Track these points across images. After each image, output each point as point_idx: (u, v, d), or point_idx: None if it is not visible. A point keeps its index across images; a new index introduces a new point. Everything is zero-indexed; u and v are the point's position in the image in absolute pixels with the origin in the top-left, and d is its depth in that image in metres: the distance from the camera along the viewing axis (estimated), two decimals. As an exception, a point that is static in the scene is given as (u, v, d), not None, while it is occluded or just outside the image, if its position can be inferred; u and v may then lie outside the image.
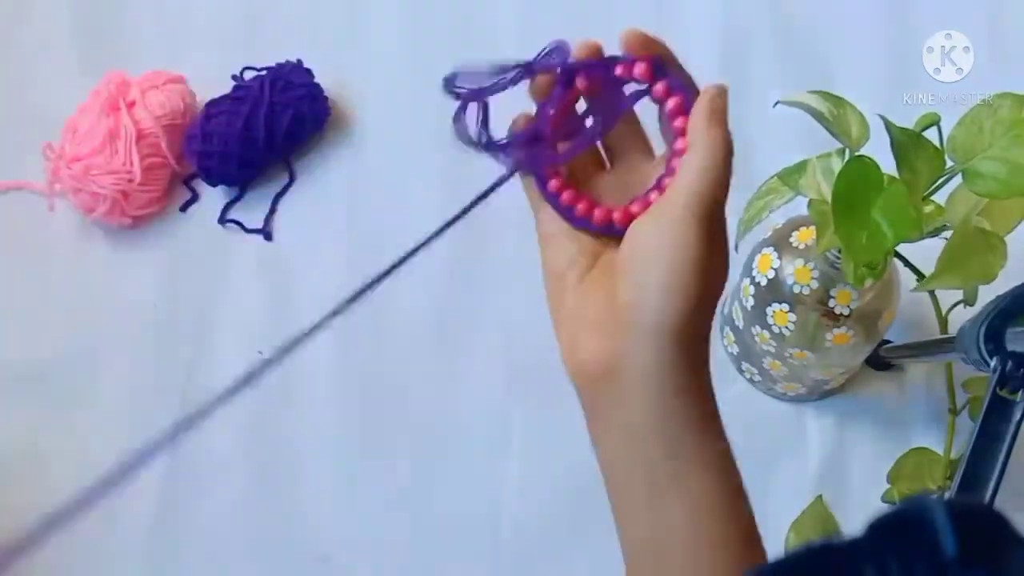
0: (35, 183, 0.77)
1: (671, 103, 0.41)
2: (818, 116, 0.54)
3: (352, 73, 0.82)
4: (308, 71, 0.78)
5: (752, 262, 0.64)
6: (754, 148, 0.78)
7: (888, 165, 0.50)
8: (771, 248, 0.63)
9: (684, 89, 0.41)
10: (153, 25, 0.85)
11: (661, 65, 0.41)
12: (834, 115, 0.54)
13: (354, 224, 0.78)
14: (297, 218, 0.78)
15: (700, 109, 0.40)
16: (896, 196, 0.48)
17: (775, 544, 0.65)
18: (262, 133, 0.75)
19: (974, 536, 0.25)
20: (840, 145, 0.54)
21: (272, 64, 0.78)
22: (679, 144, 0.40)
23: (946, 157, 0.51)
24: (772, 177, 0.59)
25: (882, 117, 0.49)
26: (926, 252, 0.55)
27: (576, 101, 0.42)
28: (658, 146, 0.44)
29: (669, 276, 0.37)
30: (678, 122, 0.41)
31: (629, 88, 0.42)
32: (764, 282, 0.62)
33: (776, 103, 0.57)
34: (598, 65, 0.41)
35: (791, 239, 0.62)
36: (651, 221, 0.39)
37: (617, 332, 0.38)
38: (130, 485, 0.61)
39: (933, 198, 0.53)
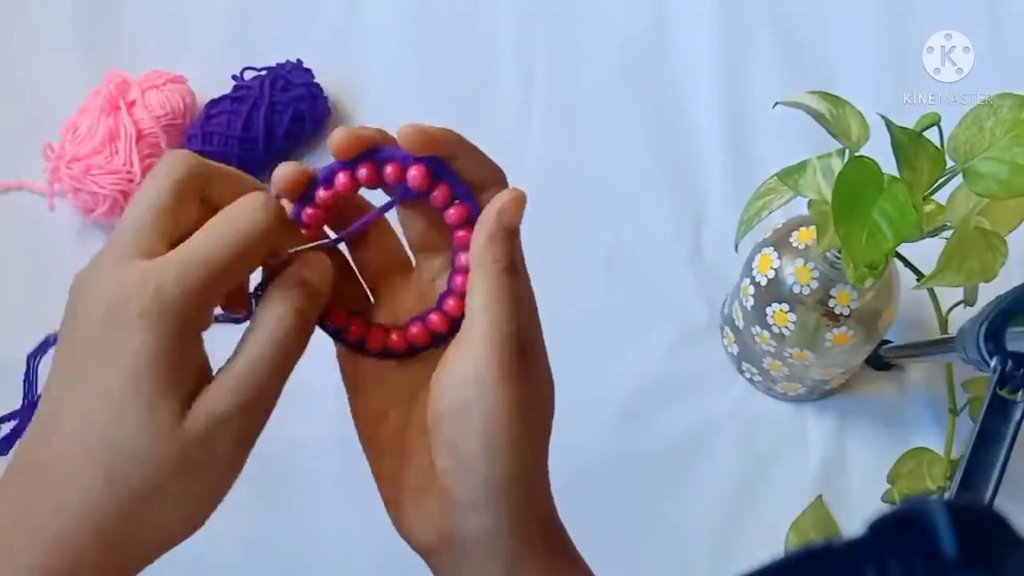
0: (35, 183, 0.77)
1: (451, 213, 0.35)
2: (818, 116, 0.54)
3: (352, 73, 0.82)
4: (308, 71, 0.78)
5: (752, 262, 0.64)
6: (754, 148, 0.78)
7: (888, 165, 0.50)
8: (771, 248, 0.63)
9: (468, 197, 0.35)
10: (153, 25, 0.85)
11: (442, 166, 0.35)
12: (834, 115, 0.54)
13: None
14: (297, 218, 0.78)
15: (483, 229, 0.34)
16: (896, 196, 0.48)
17: (775, 544, 0.65)
18: (262, 133, 0.75)
19: (974, 536, 0.25)
20: (840, 145, 0.54)
21: (272, 64, 0.78)
22: (461, 260, 0.35)
23: (946, 157, 0.51)
24: (772, 177, 0.59)
25: (882, 117, 0.49)
26: (926, 252, 0.55)
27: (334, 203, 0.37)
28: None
29: (484, 438, 0.32)
30: (460, 234, 0.35)
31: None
32: (764, 282, 0.62)
33: (776, 103, 0.57)
34: (360, 165, 0.36)
35: (791, 239, 0.62)
36: (454, 377, 0.34)
37: (442, 501, 0.34)
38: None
39: (933, 198, 0.53)
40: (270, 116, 0.75)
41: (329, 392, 0.72)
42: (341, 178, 0.36)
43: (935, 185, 0.52)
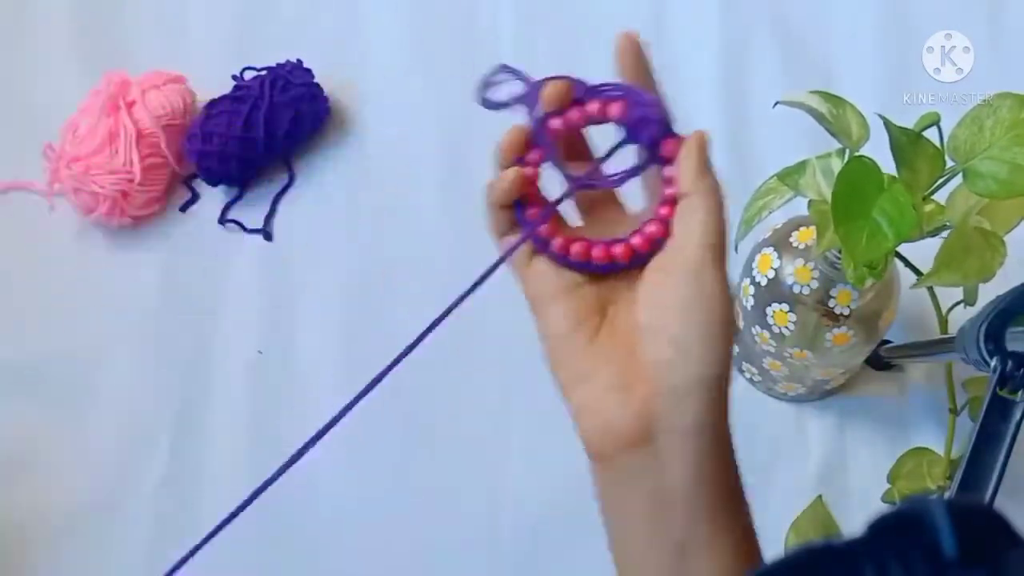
0: (35, 183, 0.77)
1: (669, 146, 0.39)
2: (818, 116, 0.54)
3: (352, 73, 0.82)
4: (308, 71, 0.78)
5: (752, 262, 0.64)
6: (754, 148, 0.78)
7: (888, 165, 0.50)
8: (771, 248, 0.63)
9: (676, 137, 0.40)
10: (153, 25, 0.85)
11: (656, 108, 0.40)
12: (834, 115, 0.54)
13: (354, 224, 0.78)
14: (297, 218, 0.78)
15: (690, 158, 0.39)
16: (896, 196, 0.48)
17: (775, 544, 0.65)
18: (262, 133, 0.75)
19: (974, 536, 0.25)
20: (840, 145, 0.54)
21: (272, 64, 0.78)
22: (667, 192, 0.39)
23: (946, 157, 0.51)
24: (772, 177, 0.59)
25: (882, 117, 0.49)
26: (926, 252, 0.55)
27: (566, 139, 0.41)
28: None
29: (704, 328, 0.37)
30: (667, 170, 0.39)
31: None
32: (764, 282, 0.62)
33: (776, 103, 0.57)
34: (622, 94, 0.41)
35: (791, 239, 0.62)
36: (667, 275, 0.38)
37: (649, 392, 0.37)
38: (136, 489, 0.62)
39: (933, 198, 0.53)
40: (270, 116, 0.75)
41: (331, 395, 0.72)
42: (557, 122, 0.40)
43: (935, 185, 0.52)
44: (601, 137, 0.41)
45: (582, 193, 0.42)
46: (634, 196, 0.42)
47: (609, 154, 0.40)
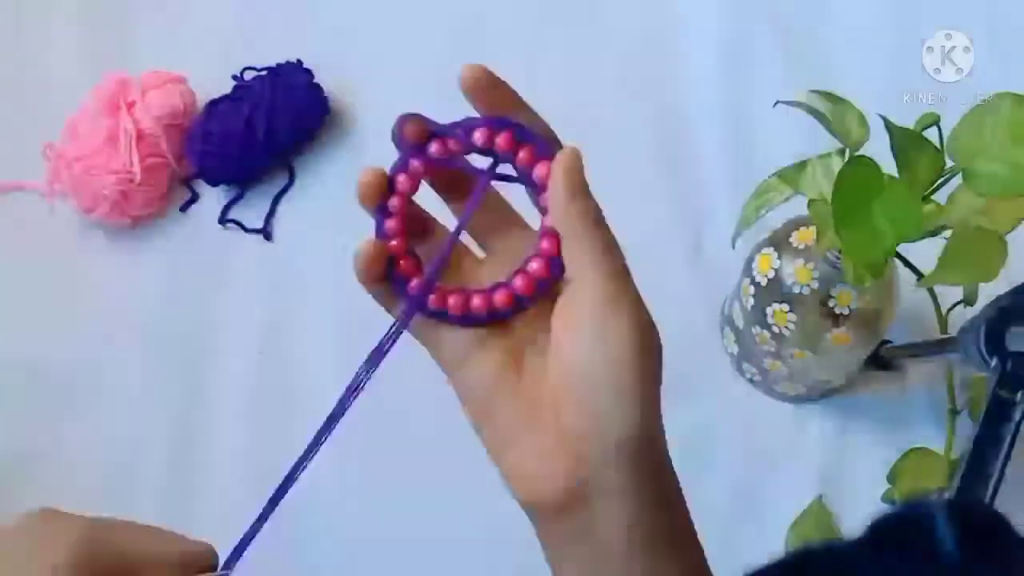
0: (35, 183, 0.77)
1: (539, 170, 0.36)
2: (818, 116, 0.54)
3: (352, 73, 0.82)
4: (308, 71, 0.78)
5: (752, 262, 0.64)
6: (754, 148, 0.78)
7: (888, 165, 0.50)
8: (771, 248, 0.63)
9: (550, 151, 0.36)
10: (153, 25, 0.85)
11: (522, 127, 0.36)
12: (834, 115, 0.54)
13: (354, 224, 0.77)
14: (297, 218, 0.78)
15: (556, 181, 0.35)
16: (896, 196, 0.48)
17: (775, 544, 0.65)
18: (262, 133, 0.75)
19: (974, 536, 0.25)
20: (840, 145, 0.54)
21: (272, 64, 0.78)
22: (547, 223, 0.36)
23: (946, 157, 0.51)
24: (772, 176, 0.59)
25: (882, 117, 0.49)
26: (926, 252, 0.55)
27: (417, 188, 0.37)
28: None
29: (613, 392, 0.33)
30: (543, 198, 0.36)
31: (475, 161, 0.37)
32: (764, 282, 0.62)
33: (776, 103, 0.57)
34: (457, 132, 0.36)
35: (791, 239, 0.62)
36: (568, 330, 0.35)
37: (576, 456, 0.34)
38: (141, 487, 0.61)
39: (933, 198, 0.53)
40: (270, 116, 0.75)
41: (331, 400, 0.72)
42: (401, 179, 0.37)
43: (935, 185, 0.52)
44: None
45: (473, 224, 0.38)
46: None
47: (485, 186, 0.37)
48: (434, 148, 0.37)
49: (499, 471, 0.37)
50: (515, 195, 0.39)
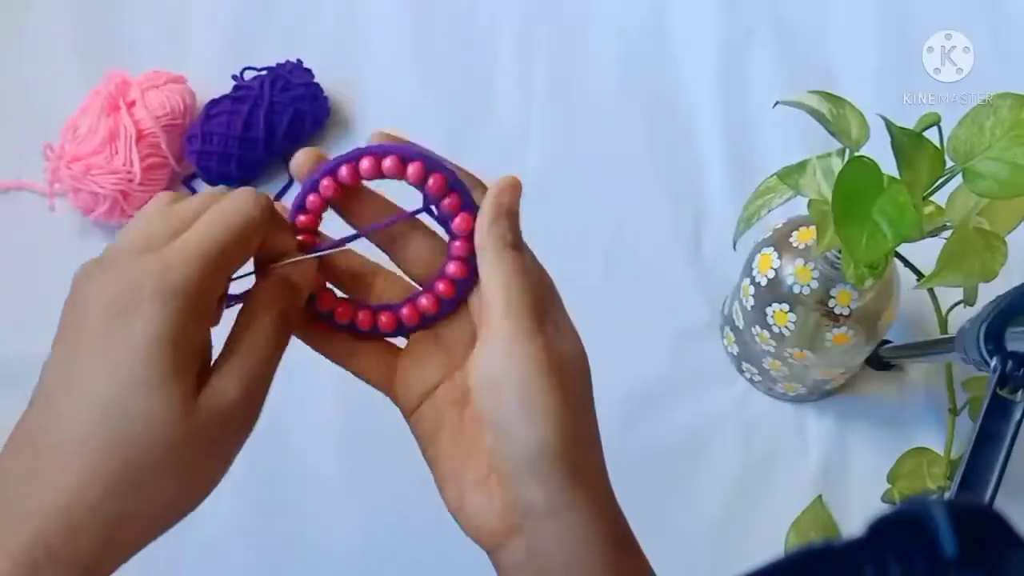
0: (35, 183, 0.77)
1: (447, 201, 0.37)
2: (818, 116, 0.54)
3: (352, 73, 0.82)
4: (308, 71, 0.78)
5: (752, 262, 0.64)
6: (754, 148, 0.78)
7: (888, 165, 0.50)
8: (771, 248, 0.63)
9: (460, 184, 0.37)
10: (153, 25, 0.85)
11: (431, 157, 0.38)
12: (834, 115, 0.54)
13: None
14: (297, 218, 0.78)
15: (485, 214, 0.36)
16: (896, 196, 0.48)
17: (775, 544, 0.65)
18: (262, 133, 0.75)
19: (974, 536, 0.25)
20: (840, 145, 0.54)
21: (272, 64, 0.78)
22: (455, 247, 0.38)
23: (946, 157, 0.51)
24: (772, 177, 0.59)
25: (882, 117, 0.49)
26: (926, 252, 0.55)
27: (324, 210, 0.39)
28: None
29: (525, 404, 0.34)
30: (457, 221, 0.37)
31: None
32: (764, 282, 0.62)
33: (776, 103, 0.57)
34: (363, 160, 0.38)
35: (791, 239, 0.62)
36: (485, 356, 0.35)
37: (501, 483, 0.35)
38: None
39: (933, 198, 0.53)
40: (270, 116, 0.75)
41: (333, 402, 0.72)
42: (325, 182, 0.39)
43: (935, 185, 0.52)
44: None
45: (379, 234, 0.40)
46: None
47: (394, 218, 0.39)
48: (344, 173, 0.38)
49: (446, 507, 0.38)
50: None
